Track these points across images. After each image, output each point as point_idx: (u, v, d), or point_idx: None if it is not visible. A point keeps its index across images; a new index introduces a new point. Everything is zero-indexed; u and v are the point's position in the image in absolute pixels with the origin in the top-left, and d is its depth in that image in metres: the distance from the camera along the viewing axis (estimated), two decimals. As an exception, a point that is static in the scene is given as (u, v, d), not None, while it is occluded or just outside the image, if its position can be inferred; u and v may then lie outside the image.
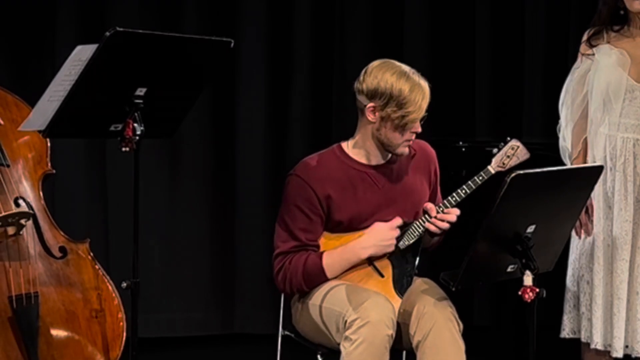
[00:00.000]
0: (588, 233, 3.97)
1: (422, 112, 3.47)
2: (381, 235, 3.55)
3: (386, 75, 3.45)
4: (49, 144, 3.80)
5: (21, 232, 3.63)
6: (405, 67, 3.50)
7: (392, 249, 3.56)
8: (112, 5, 5.45)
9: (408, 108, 3.43)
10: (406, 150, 3.57)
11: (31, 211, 3.66)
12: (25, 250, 3.64)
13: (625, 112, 3.91)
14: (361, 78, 3.51)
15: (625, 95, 3.90)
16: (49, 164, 3.81)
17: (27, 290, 3.60)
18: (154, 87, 3.29)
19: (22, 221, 3.61)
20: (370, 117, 3.50)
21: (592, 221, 3.95)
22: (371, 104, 3.48)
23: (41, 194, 3.76)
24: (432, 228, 3.55)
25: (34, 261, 3.65)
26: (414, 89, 3.44)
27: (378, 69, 3.48)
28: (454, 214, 3.55)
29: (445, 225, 3.55)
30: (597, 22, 3.97)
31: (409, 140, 3.54)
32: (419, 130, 3.53)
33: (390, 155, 3.63)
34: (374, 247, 3.55)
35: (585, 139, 3.99)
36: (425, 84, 3.49)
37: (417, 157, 3.69)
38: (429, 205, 3.59)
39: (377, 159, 3.62)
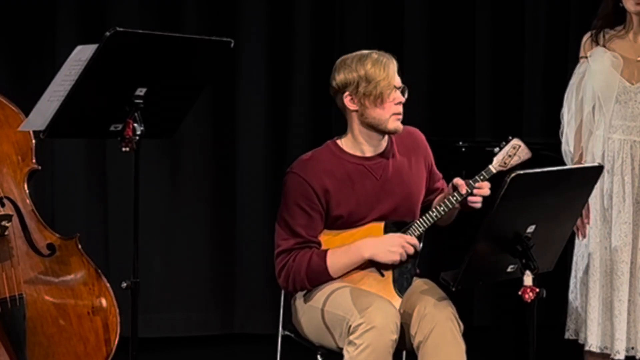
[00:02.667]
0: (583, 235, 3.97)
1: (392, 79, 3.56)
2: (389, 241, 3.55)
3: (348, 62, 3.59)
4: (33, 141, 3.79)
5: (6, 233, 3.61)
6: (365, 51, 3.63)
7: (395, 258, 3.54)
8: (112, 5, 5.45)
9: (377, 78, 3.54)
10: (398, 125, 3.60)
11: (11, 212, 3.64)
12: (10, 251, 3.63)
13: (621, 114, 3.91)
14: (331, 79, 3.62)
15: (619, 97, 3.91)
16: (34, 161, 3.80)
17: (11, 293, 3.59)
18: (154, 87, 3.29)
19: (3, 223, 3.59)
20: (350, 106, 3.59)
21: (587, 223, 3.96)
22: (346, 94, 3.58)
23: (27, 191, 3.75)
24: (475, 200, 3.56)
25: (19, 262, 3.64)
26: (375, 63, 3.56)
27: (341, 63, 3.61)
28: (486, 187, 3.56)
29: (483, 195, 3.56)
30: (600, 14, 3.97)
31: (397, 115, 3.58)
32: (402, 99, 3.59)
33: (384, 145, 3.65)
34: (376, 248, 3.54)
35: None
36: (388, 57, 3.60)
37: (408, 143, 3.71)
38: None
39: (371, 151, 3.64)
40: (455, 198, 3.56)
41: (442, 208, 3.56)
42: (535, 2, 5.87)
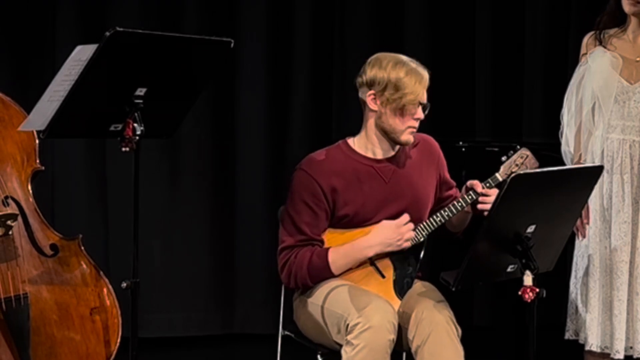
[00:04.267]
0: (583, 235, 3.97)
1: (419, 95, 3.54)
2: (387, 233, 3.55)
3: (383, 63, 3.56)
4: (37, 141, 3.79)
5: (10, 233, 3.62)
6: (403, 57, 3.60)
7: (400, 245, 3.54)
8: (112, 5, 5.45)
9: (405, 90, 3.52)
10: (410, 138, 3.59)
11: (16, 212, 3.64)
12: (14, 251, 3.63)
13: (619, 114, 3.91)
14: (361, 71, 3.60)
15: (618, 96, 3.91)
16: (38, 161, 3.80)
17: (16, 292, 3.59)
18: (154, 87, 3.29)
19: (9, 222, 3.59)
20: (371, 105, 3.57)
21: (586, 223, 3.95)
22: (371, 92, 3.56)
23: (30, 192, 3.75)
24: (483, 208, 3.55)
25: (23, 261, 3.64)
26: (410, 73, 3.53)
27: (376, 59, 3.59)
28: (493, 194, 3.55)
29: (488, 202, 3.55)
30: (607, 10, 3.97)
31: (412, 128, 3.58)
32: (421, 116, 3.57)
33: (396, 149, 3.65)
34: (380, 245, 3.55)
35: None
36: (423, 71, 3.57)
37: (421, 150, 3.72)
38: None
39: (382, 153, 3.64)
40: (460, 203, 3.56)
41: (446, 213, 3.57)
42: (535, 2, 5.87)
